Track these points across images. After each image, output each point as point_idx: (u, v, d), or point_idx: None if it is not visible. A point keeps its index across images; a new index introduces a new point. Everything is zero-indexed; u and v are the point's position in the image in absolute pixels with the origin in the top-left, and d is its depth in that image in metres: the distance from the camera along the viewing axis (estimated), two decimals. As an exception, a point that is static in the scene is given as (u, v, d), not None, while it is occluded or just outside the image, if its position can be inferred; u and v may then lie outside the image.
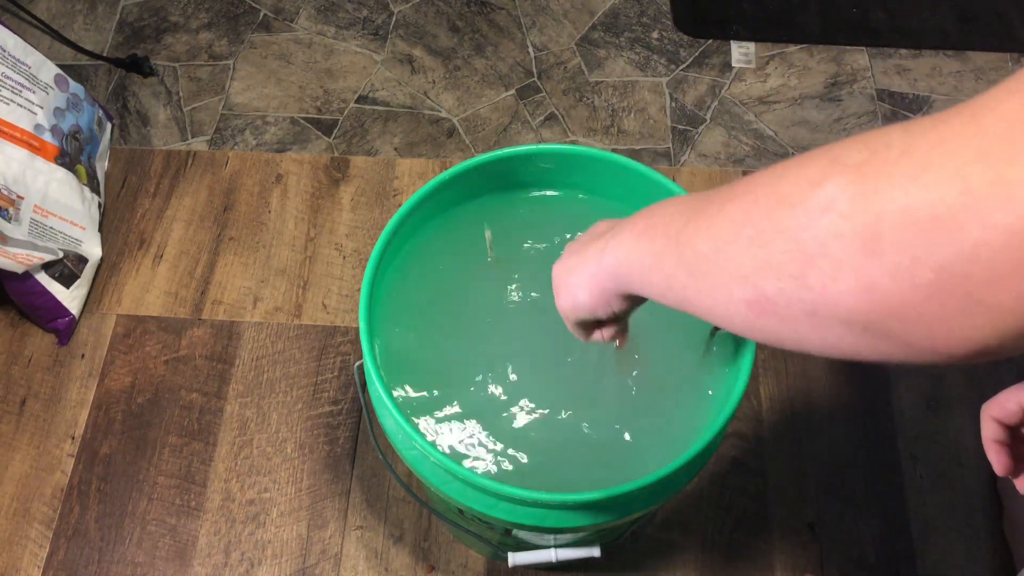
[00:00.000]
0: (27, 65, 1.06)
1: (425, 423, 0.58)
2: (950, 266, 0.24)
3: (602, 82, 1.37)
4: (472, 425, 0.62)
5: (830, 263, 0.28)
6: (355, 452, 1.05)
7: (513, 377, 0.64)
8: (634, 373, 0.64)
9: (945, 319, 0.25)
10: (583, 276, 0.46)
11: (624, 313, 0.47)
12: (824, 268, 0.28)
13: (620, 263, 0.42)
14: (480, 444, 0.62)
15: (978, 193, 0.24)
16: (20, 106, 1.03)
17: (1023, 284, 0.23)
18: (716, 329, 0.62)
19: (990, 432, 0.54)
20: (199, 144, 1.30)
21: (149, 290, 1.16)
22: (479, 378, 0.64)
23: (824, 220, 0.28)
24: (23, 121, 1.03)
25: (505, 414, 0.63)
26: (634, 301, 0.45)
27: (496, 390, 0.64)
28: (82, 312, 1.14)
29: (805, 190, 0.29)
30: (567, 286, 0.48)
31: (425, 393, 0.63)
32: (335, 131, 1.31)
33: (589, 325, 0.51)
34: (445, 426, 0.61)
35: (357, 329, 1.12)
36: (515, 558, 0.70)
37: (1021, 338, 0.25)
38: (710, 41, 1.42)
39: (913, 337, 0.27)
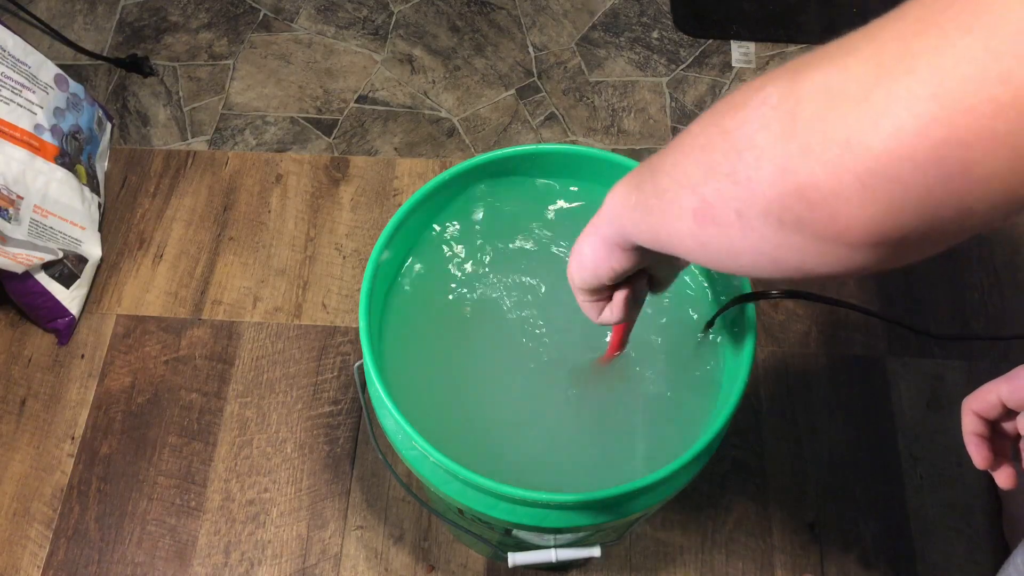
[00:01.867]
0: (27, 65, 1.06)
1: (425, 423, 0.58)
2: (853, 139, 0.25)
3: (602, 82, 1.37)
4: (472, 425, 0.62)
5: (754, 153, 0.28)
6: (355, 452, 1.05)
7: (513, 376, 0.64)
8: (633, 361, 0.64)
9: (846, 198, 0.26)
10: (588, 233, 0.46)
11: (624, 271, 0.46)
12: (749, 159, 0.28)
13: (615, 206, 0.42)
14: (480, 444, 0.62)
15: (887, 67, 0.24)
16: (20, 106, 1.03)
17: (922, 158, 0.23)
18: (710, 324, 0.62)
19: (970, 426, 0.53)
20: (199, 144, 1.30)
21: (149, 290, 1.16)
22: (479, 377, 0.64)
23: (756, 114, 0.28)
24: (23, 121, 1.03)
25: (505, 414, 0.63)
26: (631, 255, 0.44)
27: (496, 389, 0.64)
28: (82, 312, 1.14)
29: (749, 95, 0.30)
30: (576, 246, 0.48)
31: (425, 393, 0.63)
32: (335, 131, 1.31)
33: (597, 296, 0.49)
34: (445, 426, 0.61)
35: (357, 329, 1.12)
36: (515, 558, 0.70)
37: (920, 223, 0.25)
38: (710, 41, 1.42)
39: (818, 223, 0.27)
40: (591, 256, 0.46)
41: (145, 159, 1.28)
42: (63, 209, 1.08)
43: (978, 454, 0.53)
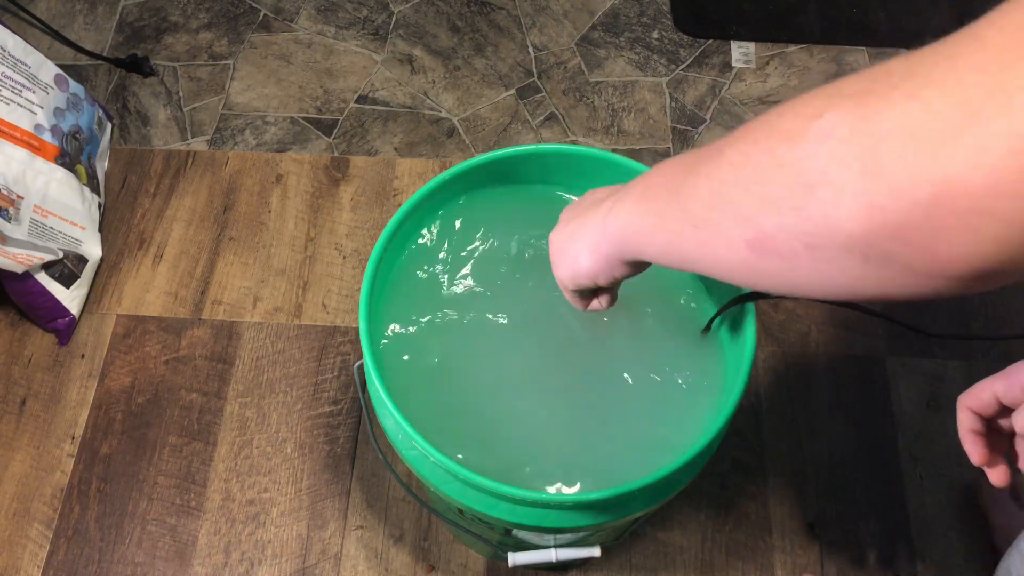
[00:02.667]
0: (27, 65, 1.06)
1: (425, 423, 0.58)
2: (951, 179, 0.24)
3: (602, 82, 1.37)
4: (472, 425, 0.62)
5: (831, 189, 0.27)
6: (355, 452, 1.05)
7: (513, 376, 0.64)
8: (632, 360, 0.64)
9: (947, 236, 0.25)
10: (585, 242, 0.46)
11: (624, 278, 0.47)
12: (824, 195, 0.28)
13: (624, 227, 0.42)
14: (480, 443, 0.62)
15: (977, 103, 0.23)
16: (20, 106, 1.03)
17: None
18: (710, 324, 0.62)
19: (966, 423, 0.53)
20: (199, 144, 1.30)
21: (149, 290, 1.16)
22: (479, 377, 0.64)
23: (824, 148, 0.28)
24: (23, 121, 1.03)
25: (505, 414, 0.63)
26: (636, 267, 0.45)
27: (496, 389, 0.64)
28: (82, 312, 1.14)
29: (804, 123, 0.29)
30: (566, 253, 0.48)
31: (425, 392, 0.63)
32: (335, 131, 1.31)
33: (587, 294, 0.51)
34: (445, 426, 0.61)
35: (357, 329, 1.12)
36: (515, 558, 0.70)
37: (1022, 252, 0.25)
38: (710, 41, 1.42)
39: (914, 259, 0.27)
40: (589, 267, 0.46)
41: (145, 159, 1.28)
42: (63, 209, 1.08)
43: (974, 451, 0.53)
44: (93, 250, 1.15)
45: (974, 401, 0.52)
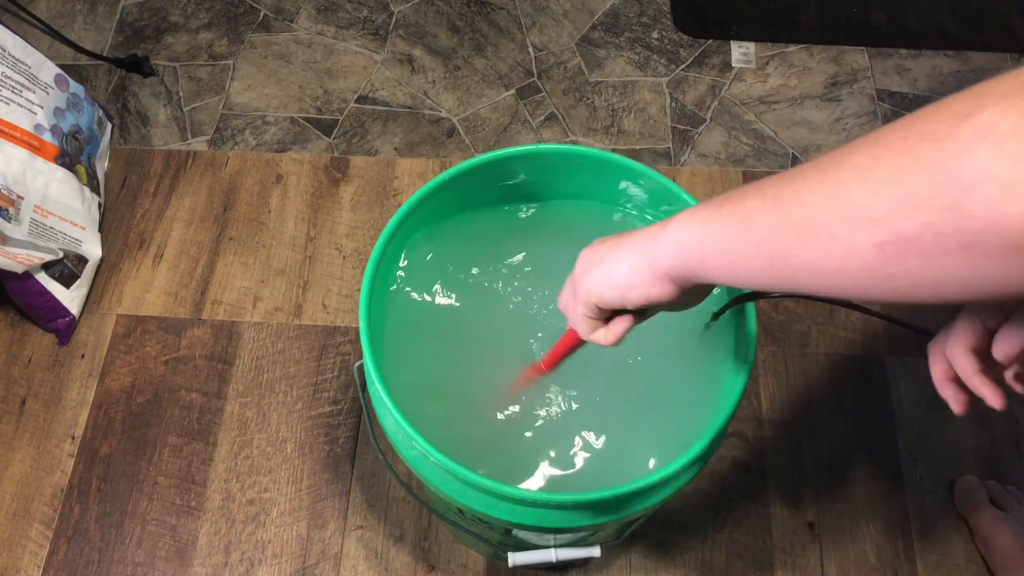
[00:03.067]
0: (27, 65, 1.06)
1: (425, 423, 0.58)
2: None
3: (602, 82, 1.37)
4: (472, 425, 0.62)
5: (997, 186, 0.27)
6: (355, 452, 1.05)
7: (513, 375, 0.64)
8: (632, 361, 0.64)
9: None
10: (631, 250, 0.44)
11: (657, 302, 0.45)
12: (990, 192, 0.27)
13: (684, 242, 0.40)
14: (480, 443, 0.62)
15: None
16: (20, 106, 1.03)
17: None
18: (710, 324, 0.62)
19: (941, 372, 0.52)
20: (199, 144, 1.30)
21: (149, 290, 1.16)
22: (479, 377, 0.64)
23: (983, 145, 0.27)
24: (23, 121, 1.03)
25: (505, 414, 0.63)
26: (680, 291, 0.43)
27: (496, 389, 0.64)
28: (82, 312, 1.14)
29: (953, 124, 0.28)
30: (604, 261, 0.45)
31: (425, 393, 0.63)
32: (335, 131, 1.31)
33: (600, 316, 0.48)
34: (445, 426, 0.61)
35: (357, 329, 1.12)
36: (515, 558, 0.70)
37: None
38: (710, 41, 1.42)
39: None
40: (626, 278, 0.44)
41: (145, 159, 1.28)
42: (63, 209, 1.08)
43: (956, 399, 0.52)
44: (93, 250, 1.15)
45: (948, 349, 0.52)
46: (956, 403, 0.51)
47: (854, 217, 0.31)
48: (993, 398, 0.48)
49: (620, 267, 0.44)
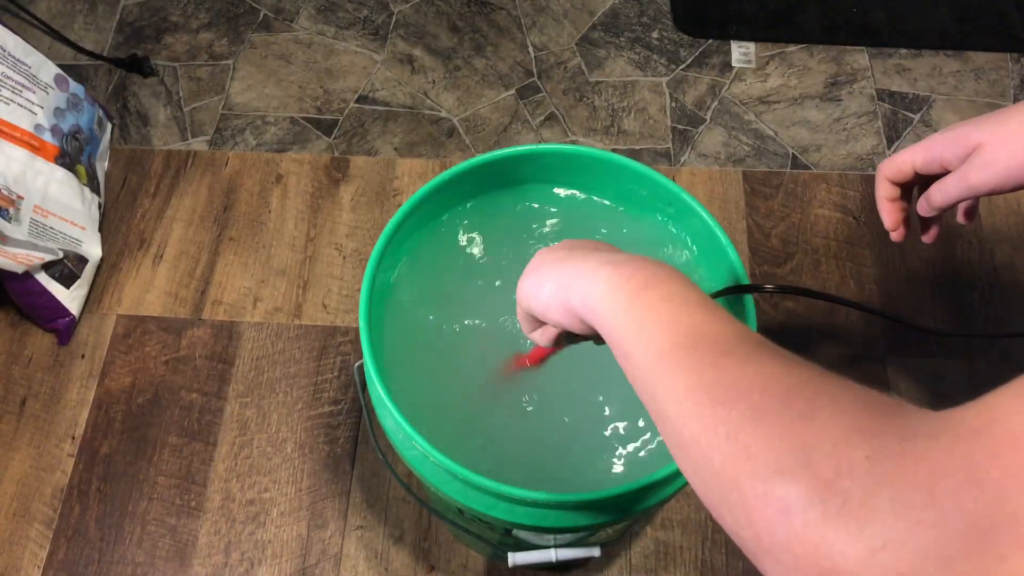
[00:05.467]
0: (27, 65, 1.06)
1: (425, 423, 0.58)
2: None
3: (602, 82, 1.37)
4: (472, 425, 0.62)
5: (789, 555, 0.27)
6: (355, 452, 1.05)
7: (514, 376, 0.64)
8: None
9: None
10: (557, 277, 0.44)
11: (572, 333, 0.45)
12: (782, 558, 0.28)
13: (591, 299, 0.41)
14: (480, 443, 0.62)
15: None
16: (20, 106, 1.03)
17: None
18: None
19: (884, 192, 0.59)
20: (199, 144, 1.30)
21: (149, 290, 1.16)
22: (479, 378, 0.64)
23: (778, 524, 0.27)
24: (23, 121, 1.03)
25: (505, 414, 0.63)
26: (588, 330, 0.44)
27: (496, 390, 0.64)
28: (82, 312, 1.14)
29: (768, 482, 0.28)
30: (538, 274, 0.46)
31: (425, 393, 0.63)
32: (335, 131, 1.31)
33: (534, 320, 0.49)
34: (445, 426, 0.61)
35: (357, 329, 1.12)
36: (515, 558, 0.70)
37: None
38: (710, 41, 1.42)
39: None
40: (546, 302, 0.44)
41: (145, 159, 1.28)
42: (63, 209, 1.08)
43: (890, 217, 0.59)
44: (93, 250, 1.15)
45: (893, 172, 0.58)
46: (887, 220, 0.60)
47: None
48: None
49: (545, 287, 0.44)
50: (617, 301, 0.39)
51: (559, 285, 0.43)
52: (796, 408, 0.29)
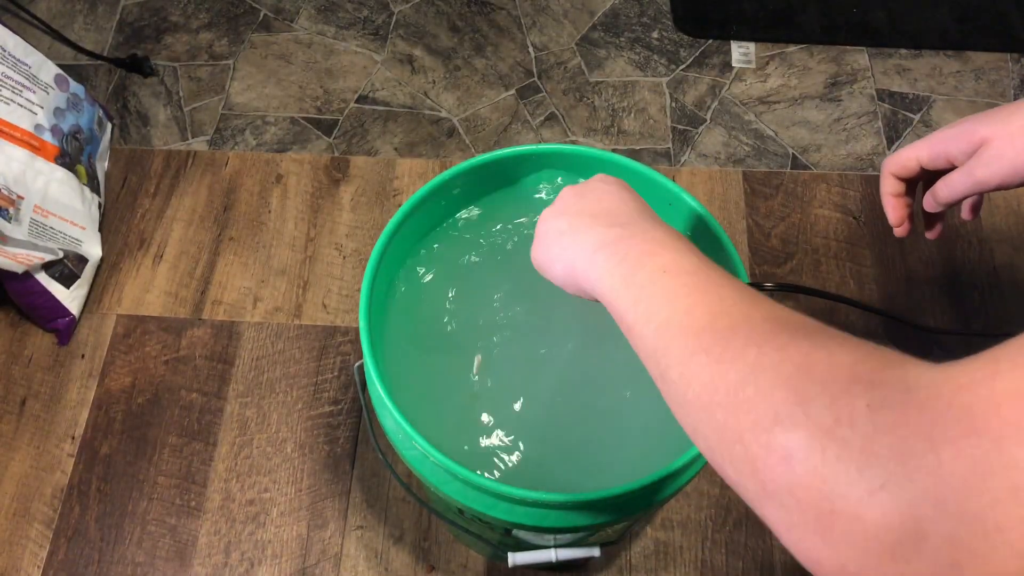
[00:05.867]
0: (27, 65, 1.06)
1: (425, 423, 0.58)
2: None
3: (602, 82, 1.37)
4: (472, 425, 0.62)
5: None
6: (355, 452, 1.05)
7: (513, 377, 0.64)
8: (635, 368, 0.64)
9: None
10: (564, 259, 0.45)
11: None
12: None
13: (591, 282, 0.42)
14: (480, 444, 0.62)
15: None
16: (20, 106, 1.03)
17: None
18: None
19: (889, 187, 0.59)
20: (199, 144, 1.30)
21: (149, 290, 1.16)
22: (479, 378, 0.64)
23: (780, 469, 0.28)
24: (23, 121, 1.03)
25: (505, 414, 0.63)
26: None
27: (496, 390, 0.64)
28: (82, 312, 1.14)
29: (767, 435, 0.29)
30: (547, 249, 0.47)
31: (425, 393, 0.63)
32: (335, 131, 1.31)
33: None
34: (445, 426, 0.61)
35: (357, 329, 1.12)
36: (515, 558, 0.70)
37: None
38: (710, 41, 1.42)
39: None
40: (561, 281, 0.47)
41: (145, 159, 1.28)
42: (63, 209, 1.08)
43: (894, 213, 0.59)
44: (93, 250, 1.15)
45: (898, 168, 0.58)
46: (891, 216, 0.60)
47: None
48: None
49: (556, 267, 0.46)
50: (614, 282, 0.41)
51: (566, 267, 0.45)
52: (793, 362, 0.31)
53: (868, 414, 0.26)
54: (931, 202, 0.58)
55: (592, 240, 0.44)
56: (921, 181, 0.60)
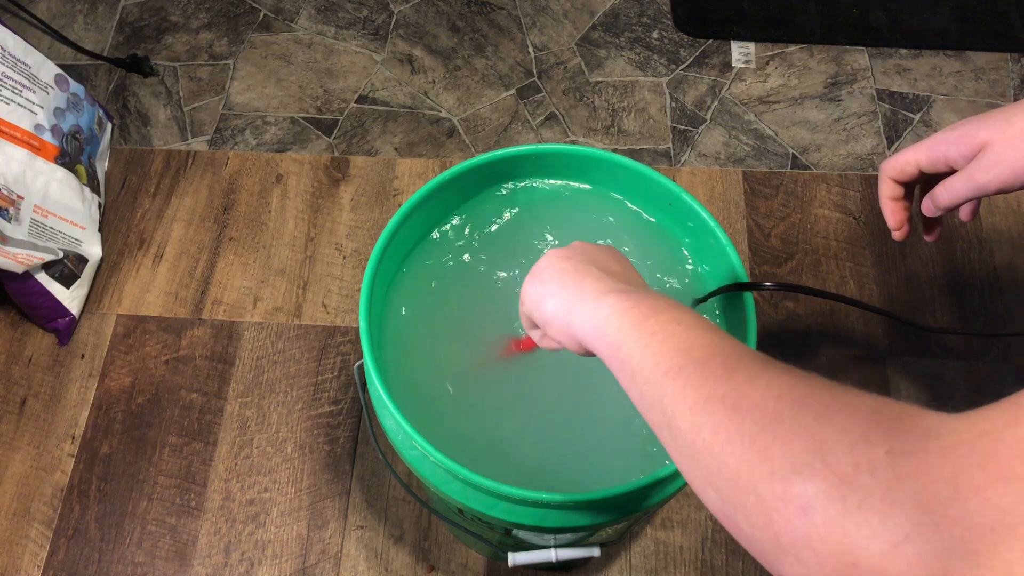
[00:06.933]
0: (27, 65, 1.06)
1: (425, 423, 0.58)
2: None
3: (602, 82, 1.37)
4: (472, 424, 0.62)
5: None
6: (355, 452, 1.05)
7: (512, 374, 0.64)
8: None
9: None
10: (562, 293, 0.44)
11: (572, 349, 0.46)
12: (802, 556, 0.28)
13: (601, 331, 0.40)
14: (480, 443, 0.62)
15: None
16: (20, 106, 1.03)
17: None
18: (698, 302, 0.63)
19: (888, 191, 0.58)
20: (199, 144, 1.30)
21: (149, 290, 1.16)
22: (479, 377, 0.64)
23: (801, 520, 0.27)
24: (23, 121, 1.03)
25: (505, 413, 0.63)
26: (584, 351, 0.44)
27: (496, 389, 0.64)
28: (82, 312, 1.14)
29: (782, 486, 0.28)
30: (545, 285, 0.46)
31: (425, 392, 0.63)
32: (335, 131, 1.31)
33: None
34: (445, 425, 0.61)
35: (357, 329, 1.12)
36: (515, 558, 0.70)
37: None
38: (710, 41, 1.42)
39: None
40: (548, 319, 0.45)
41: (145, 159, 1.28)
42: (63, 209, 1.08)
43: (893, 217, 0.59)
44: (93, 250, 1.15)
45: (897, 172, 0.57)
46: (890, 219, 0.59)
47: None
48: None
49: (549, 304, 0.45)
50: (623, 324, 0.39)
51: (563, 306, 0.43)
52: (811, 411, 0.29)
53: (888, 460, 0.25)
54: (930, 207, 0.57)
55: (601, 286, 0.42)
56: (919, 184, 0.59)
